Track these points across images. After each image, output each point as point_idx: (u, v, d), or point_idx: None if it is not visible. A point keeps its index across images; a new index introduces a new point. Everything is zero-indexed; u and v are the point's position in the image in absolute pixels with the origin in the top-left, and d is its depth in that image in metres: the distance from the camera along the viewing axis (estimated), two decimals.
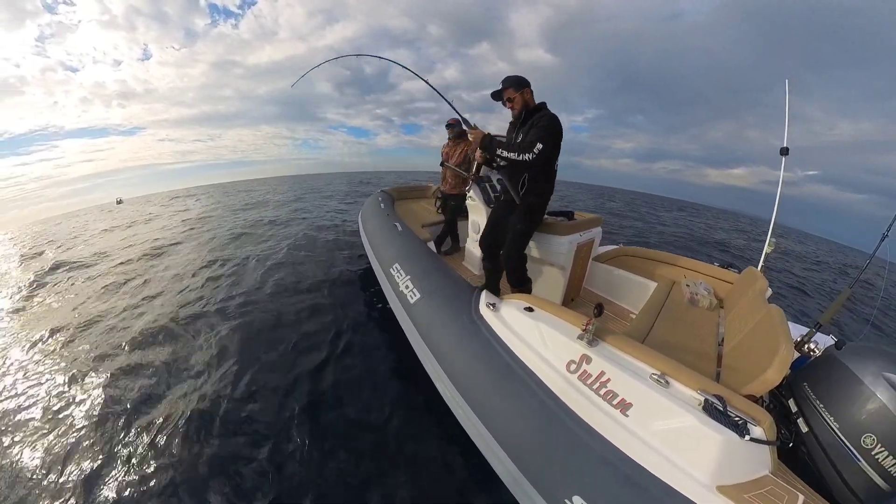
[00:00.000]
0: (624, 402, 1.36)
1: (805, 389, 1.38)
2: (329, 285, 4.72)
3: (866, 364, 1.23)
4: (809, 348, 1.64)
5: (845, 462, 1.16)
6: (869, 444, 1.11)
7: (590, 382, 1.47)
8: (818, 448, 1.23)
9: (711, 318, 2.45)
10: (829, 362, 1.36)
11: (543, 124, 2.07)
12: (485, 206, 3.17)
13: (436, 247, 3.73)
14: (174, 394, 2.81)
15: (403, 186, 5.49)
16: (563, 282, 2.85)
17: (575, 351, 1.57)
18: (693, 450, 1.17)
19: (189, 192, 32.28)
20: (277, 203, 14.56)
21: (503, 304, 2.05)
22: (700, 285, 2.72)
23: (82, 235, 11.45)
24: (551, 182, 2.32)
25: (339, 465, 2.16)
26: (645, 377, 1.37)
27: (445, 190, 3.97)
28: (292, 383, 2.86)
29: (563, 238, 2.70)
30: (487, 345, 1.87)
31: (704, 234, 13.98)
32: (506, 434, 1.57)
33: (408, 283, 2.62)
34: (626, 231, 11.66)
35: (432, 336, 2.19)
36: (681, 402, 1.25)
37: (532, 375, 1.64)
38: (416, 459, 2.20)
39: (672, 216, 19.95)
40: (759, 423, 1.15)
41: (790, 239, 20.63)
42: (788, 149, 2.53)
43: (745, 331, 1.86)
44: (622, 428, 1.32)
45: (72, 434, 2.49)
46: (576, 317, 1.72)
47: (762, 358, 1.43)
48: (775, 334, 1.48)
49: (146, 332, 3.78)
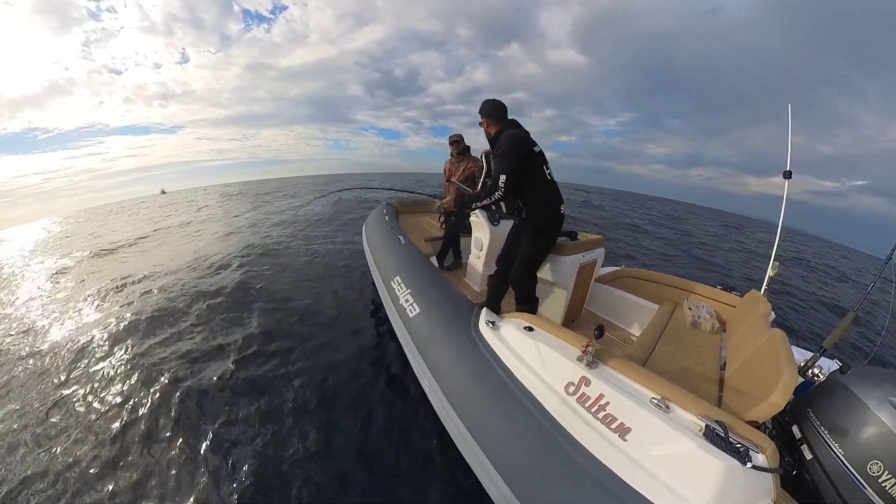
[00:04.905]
0: (623, 426, 1.33)
1: (809, 415, 1.35)
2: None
3: (872, 389, 1.20)
4: (813, 373, 1.61)
5: (851, 490, 1.12)
6: (875, 472, 1.08)
7: (588, 405, 1.44)
8: (823, 476, 1.20)
9: (714, 341, 2.42)
10: (834, 387, 1.34)
11: (499, 153, 2.13)
12: (488, 224, 3.19)
13: (438, 262, 3.73)
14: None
15: (408, 200, 5.56)
16: (565, 302, 2.83)
17: (574, 372, 1.54)
18: (693, 477, 1.14)
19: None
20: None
21: (503, 323, 2.03)
22: (702, 308, 2.70)
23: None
24: (551, 194, 2.26)
25: (321, 478, 2.13)
26: (645, 401, 1.34)
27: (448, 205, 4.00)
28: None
29: (565, 258, 2.70)
30: (485, 363, 1.84)
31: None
32: (499, 454, 1.53)
33: (408, 296, 2.61)
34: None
35: (430, 351, 2.17)
36: (681, 427, 1.22)
37: (529, 396, 1.61)
38: (404, 476, 2.16)
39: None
40: (761, 450, 1.12)
41: (835, 254, 19.17)
42: (791, 172, 2.55)
43: (747, 355, 1.83)
44: (620, 453, 1.29)
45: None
46: (576, 338, 1.71)
47: (765, 383, 1.41)
48: (778, 358, 1.46)
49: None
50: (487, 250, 3.25)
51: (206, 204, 21.00)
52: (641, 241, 11.23)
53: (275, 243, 7.75)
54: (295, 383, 2.96)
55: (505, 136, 2.15)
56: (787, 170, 2.55)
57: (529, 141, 2.19)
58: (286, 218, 11.71)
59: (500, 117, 2.27)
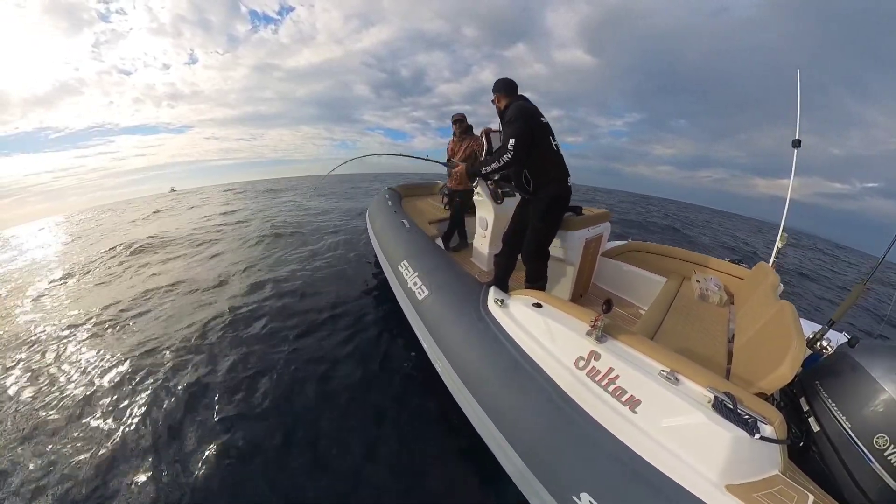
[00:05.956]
0: (633, 398, 1.36)
1: (817, 388, 1.36)
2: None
3: (880, 362, 1.21)
4: (822, 345, 1.61)
5: (857, 462, 1.14)
6: (882, 445, 1.10)
7: (598, 379, 1.47)
8: (829, 448, 1.22)
9: (722, 314, 2.43)
10: (842, 360, 1.35)
11: (508, 119, 2.19)
12: (492, 202, 3.16)
13: (443, 243, 3.73)
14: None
15: (410, 184, 5.50)
16: (572, 277, 2.84)
17: (583, 347, 1.57)
18: (702, 448, 1.17)
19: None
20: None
21: (511, 300, 2.05)
22: (710, 281, 2.70)
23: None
24: (557, 164, 2.28)
25: (340, 461, 2.17)
26: (654, 374, 1.36)
27: (451, 186, 3.97)
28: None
29: (571, 233, 2.68)
30: (496, 341, 1.87)
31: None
32: (514, 430, 1.58)
33: (416, 279, 2.63)
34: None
35: (440, 332, 2.21)
36: (690, 399, 1.25)
37: (540, 371, 1.64)
38: (423, 455, 2.22)
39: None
40: (769, 422, 1.14)
41: (847, 259, 17.29)
42: (801, 141, 2.48)
43: (756, 327, 1.84)
44: (631, 425, 1.32)
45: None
46: (584, 313, 1.72)
47: (773, 355, 1.42)
48: (787, 331, 1.46)
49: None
50: (493, 230, 3.24)
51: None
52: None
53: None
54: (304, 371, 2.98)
55: (514, 106, 2.22)
56: (796, 138, 2.49)
57: (537, 112, 2.25)
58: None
59: (511, 92, 2.35)
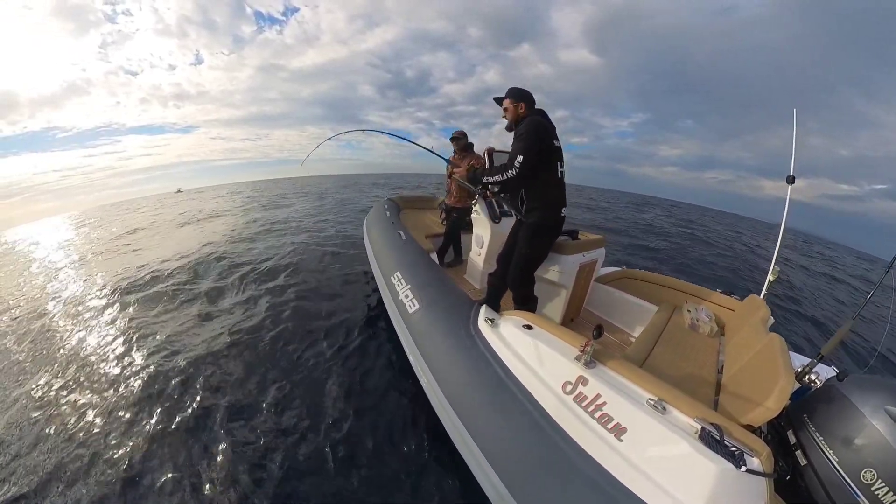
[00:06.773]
0: (619, 426, 1.33)
1: (805, 421, 1.35)
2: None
3: (868, 396, 1.21)
4: (810, 379, 1.61)
5: (844, 497, 1.13)
6: (869, 480, 1.08)
7: (585, 405, 1.45)
8: (816, 482, 1.20)
9: (712, 344, 2.43)
10: (830, 394, 1.34)
11: (521, 133, 2.06)
12: (489, 221, 3.18)
13: (438, 258, 3.73)
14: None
15: (410, 196, 5.55)
16: (564, 301, 2.84)
17: (572, 372, 1.55)
18: (687, 479, 1.14)
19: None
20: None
21: (502, 321, 2.03)
22: (701, 311, 2.70)
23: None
24: (557, 193, 2.22)
25: (313, 478, 2.12)
26: (641, 402, 1.35)
27: (449, 202, 4.00)
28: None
29: (566, 257, 2.69)
30: (483, 360, 1.85)
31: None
32: (495, 451, 1.54)
33: (408, 292, 2.61)
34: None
35: (428, 347, 2.18)
36: (677, 429, 1.23)
37: (526, 394, 1.61)
38: (399, 473, 2.15)
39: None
40: (756, 455, 1.12)
41: (858, 262, 17.32)
42: (795, 178, 2.54)
43: (745, 359, 1.84)
44: (615, 453, 1.30)
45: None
46: (574, 337, 1.71)
47: (762, 387, 1.41)
48: (776, 364, 1.46)
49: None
50: (488, 247, 3.25)
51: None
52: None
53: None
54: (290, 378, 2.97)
55: (530, 120, 2.10)
56: (790, 175, 2.54)
57: (551, 132, 2.14)
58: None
59: (529, 103, 2.21)
